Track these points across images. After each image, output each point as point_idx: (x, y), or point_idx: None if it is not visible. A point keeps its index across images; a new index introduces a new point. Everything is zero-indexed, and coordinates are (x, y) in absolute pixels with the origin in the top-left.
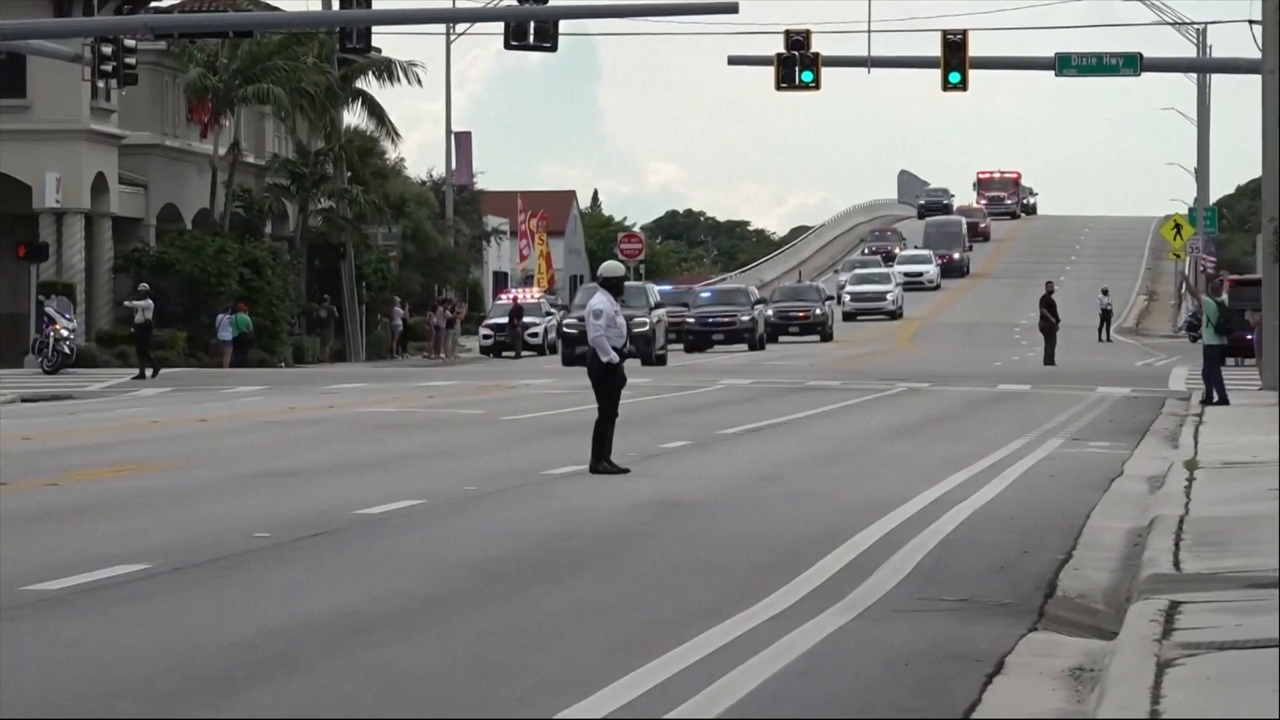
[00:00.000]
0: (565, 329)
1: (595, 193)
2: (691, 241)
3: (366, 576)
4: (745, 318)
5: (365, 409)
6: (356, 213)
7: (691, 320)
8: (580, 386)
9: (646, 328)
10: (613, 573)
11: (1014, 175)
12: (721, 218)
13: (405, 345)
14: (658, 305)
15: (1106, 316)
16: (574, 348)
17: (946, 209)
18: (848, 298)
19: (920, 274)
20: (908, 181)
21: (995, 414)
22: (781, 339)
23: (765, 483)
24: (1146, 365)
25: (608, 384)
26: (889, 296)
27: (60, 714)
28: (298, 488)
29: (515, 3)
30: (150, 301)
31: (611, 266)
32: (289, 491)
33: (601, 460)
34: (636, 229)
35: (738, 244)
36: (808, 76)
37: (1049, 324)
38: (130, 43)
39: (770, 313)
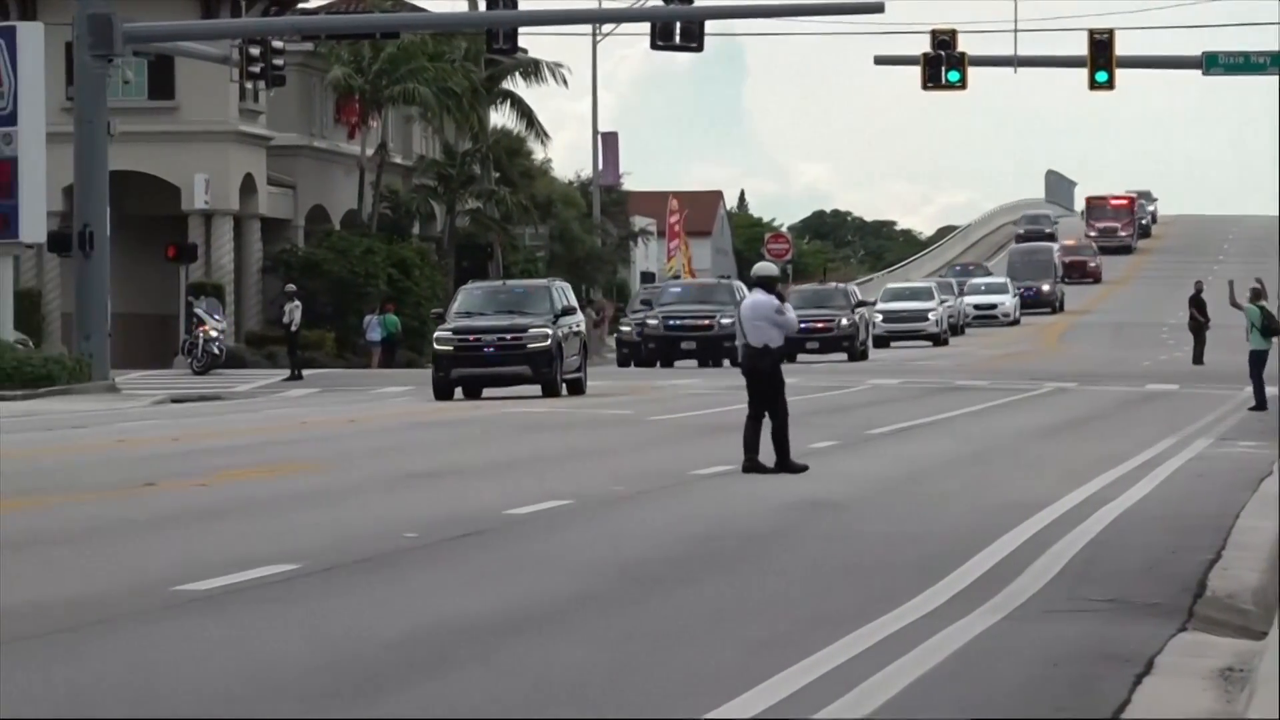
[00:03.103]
0: (436, 345)
1: (742, 193)
2: (838, 241)
3: (514, 577)
4: (725, 320)
5: (513, 409)
6: (504, 213)
7: (654, 322)
8: (727, 387)
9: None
10: (760, 573)
11: (1126, 201)
12: (869, 217)
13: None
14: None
15: None
16: (448, 371)
17: (1050, 240)
18: (879, 317)
19: (993, 306)
20: (1055, 181)
21: (1143, 413)
22: (800, 357)
23: (913, 483)
24: None
25: (778, 381)
26: (931, 316)
27: (213, 713)
28: (446, 488)
29: (661, 3)
30: (298, 302)
31: (765, 266)
32: (437, 492)
33: (785, 458)
34: (783, 229)
35: (885, 244)
36: (954, 76)
37: (1198, 323)
38: (278, 44)
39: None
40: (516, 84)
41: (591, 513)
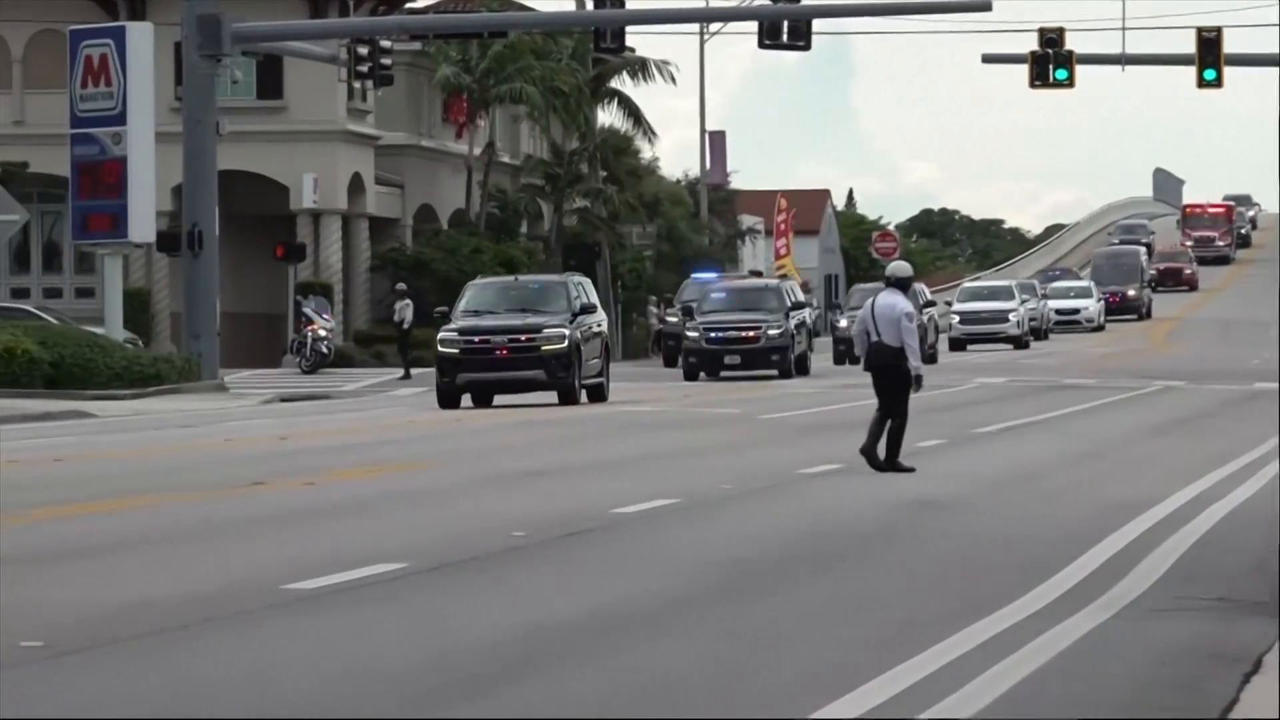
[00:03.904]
0: (440, 348)
1: (850, 191)
2: (946, 240)
3: (621, 575)
4: (774, 331)
5: (621, 408)
6: (611, 212)
7: (694, 334)
8: (839, 385)
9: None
10: (866, 572)
11: (1224, 209)
12: (977, 216)
13: (662, 344)
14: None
15: None
16: (454, 376)
17: (1147, 250)
18: (955, 319)
19: (1075, 311)
20: (1163, 180)
21: (1252, 412)
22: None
23: (1020, 481)
24: None
25: (908, 381)
26: (1012, 317)
27: (322, 713)
28: (553, 487)
29: (769, 2)
30: (409, 301)
31: (900, 266)
32: (545, 490)
33: (895, 458)
34: (891, 228)
35: (993, 242)
36: (1062, 74)
37: None
38: (386, 44)
39: (844, 323)
40: (624, 83)
41: (699, 511)
